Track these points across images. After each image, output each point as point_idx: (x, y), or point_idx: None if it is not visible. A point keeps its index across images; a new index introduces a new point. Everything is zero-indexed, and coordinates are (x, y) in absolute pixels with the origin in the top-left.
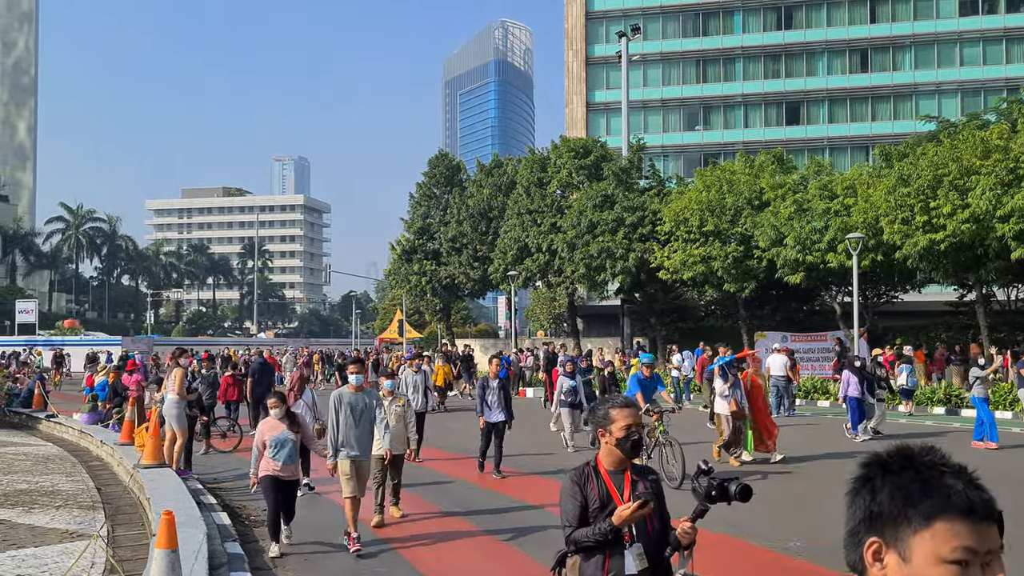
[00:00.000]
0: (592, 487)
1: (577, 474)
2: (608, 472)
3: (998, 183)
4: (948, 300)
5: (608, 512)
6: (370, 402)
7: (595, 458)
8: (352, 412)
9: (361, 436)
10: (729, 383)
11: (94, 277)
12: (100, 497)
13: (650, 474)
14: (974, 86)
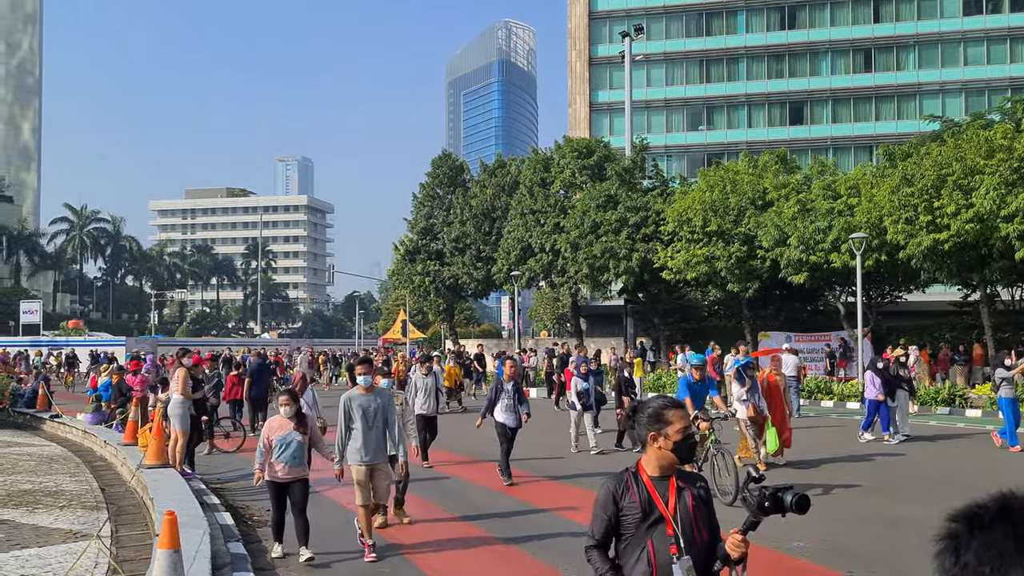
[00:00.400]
0: (632, 495)
1: (616, 483)
2: (651, 478)
3: (1002, 183)
4: (952, 300)
5: (651, 522)
6: (383, 403)
7: (636, 464)
8: (364, 415)
9: (376, 439)
10: (746, 387)
11: (98, 278)
12: (104, 497)
13: (697, 481)
14: (978, 86)
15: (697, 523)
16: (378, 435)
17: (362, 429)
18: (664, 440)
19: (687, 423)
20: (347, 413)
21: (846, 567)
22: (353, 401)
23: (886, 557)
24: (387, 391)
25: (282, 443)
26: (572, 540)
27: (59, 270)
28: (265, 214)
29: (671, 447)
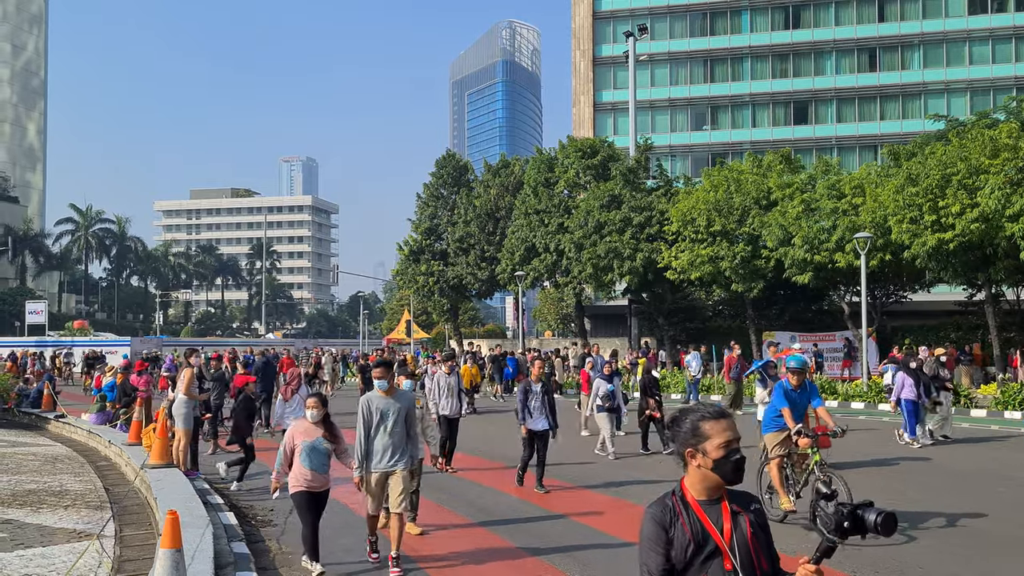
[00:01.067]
0: (683, 524)
1: (660, 511)
2: (699, 503)
3: (1007, 182)
4: (957, 300)
5: (706, 556)
6: (404, 406)
7: (679, 486)
8: (383, 418)
9: (397, 445)
10: (769, 389)
11: (103, 278)
12: (108, 497)
13: (752, 503)
14: (983, 85)
15: (757, 553)
16: (397, 440)
17: (380, 434)
18: (703, 457)
19: (729, 436)
20: (366, 417)
21: (849, 567)
22: (372, 404)
23: (891, 557)
24: (409, 393)
25: (309, 448)
26: (598, 551)
27: (64, 270)
28: (270, 214)
29: (711, 465)
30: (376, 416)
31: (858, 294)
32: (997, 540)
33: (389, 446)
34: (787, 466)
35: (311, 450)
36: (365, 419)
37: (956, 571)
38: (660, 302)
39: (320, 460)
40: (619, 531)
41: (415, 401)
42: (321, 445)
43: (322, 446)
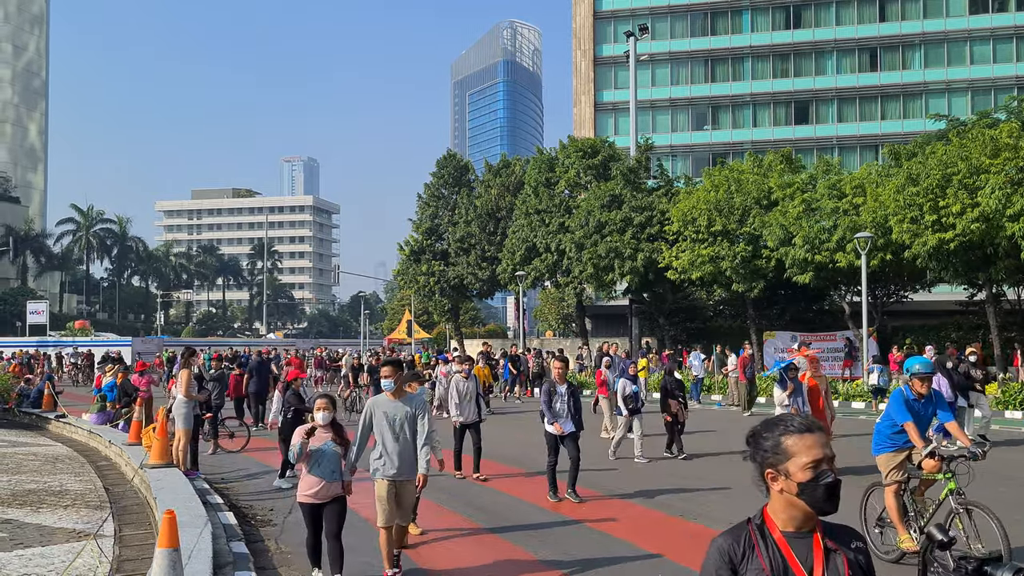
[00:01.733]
0: (759, 557)
1: (730, 542)
2: (784, 535)
3: (1007, 182)
4: (958, 300)
5: None
6: (414, 411)
7: (761, 513)
8: (390, 424)
9: (402, 452)
10: (788, 391)
11: (104, 278)
12: (108, 497)
13: (854, 539)
14: (984, 85)
15: None
16: (406, 447)
17: (388, 440)
18: (786, 480)
19: (819, 454)
20: (367, 421)
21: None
22: (377, 407)
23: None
24: (420, 397)
25: (317, 455)
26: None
27: (65, 271)
28: (271, 214)
29: (796, 490)
30: (383, 421)
31: (859, 294)
32: None
33: (398, 453)
34: (904, 493)
35: (319, 456)
36: (366, 423)
37: None
38: (661, 302)
39: (329, 466)
40: (641, 540)
41: (426, 405)
42: (331, 450)
43: (331, 450)
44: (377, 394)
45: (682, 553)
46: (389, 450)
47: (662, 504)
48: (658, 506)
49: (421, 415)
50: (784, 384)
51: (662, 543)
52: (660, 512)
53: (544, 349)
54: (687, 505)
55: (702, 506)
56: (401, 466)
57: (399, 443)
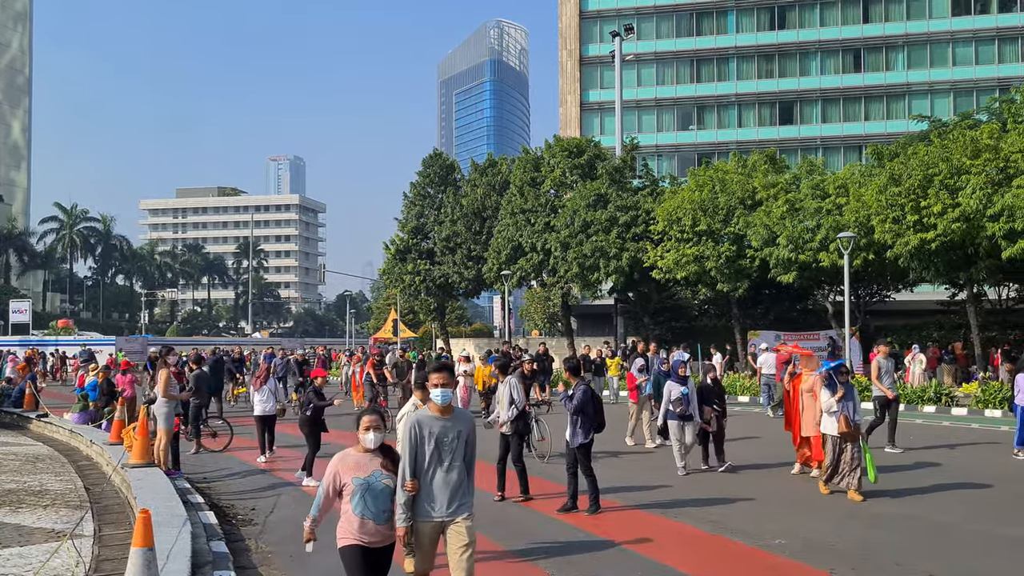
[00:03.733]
0: None
1: None
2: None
3: (988, 182)
4: (940, 299)
5: None
6: (467, 431)
7: None
8: (439, 448)
9: (458, 485)
10: (838, 395)
11: (88, 277)
12: (88, 497)
13: None
14: (966, 86)
15: None
16: (458, 477)
17: (436, 468)
18: None
19: None
20: (415, 444)
21: (828, 564)
22: (424, 427)
23: (869, 555)
24: (468, 413)
25: (363, 489)
26: None
27: (49, 269)
28: (256, 213)
29: None
30: (430, 444)
31: (842, 293)
32: (967, 536)
33: (448, 486)
34: None
35: (367, 490)
36: (412, 447)
37: (930, 568)
38: (646, 301)
39: (381, 504)
40: (678, 562)
41: (473, 422)
42: (380, 482)
43: (381, 484)
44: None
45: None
46: (437, 481)
47: (701, 520)
48: (698, 523)
49: (472, 437)
50: (833, 387)
51: (701, 565)
52: (701, 530)
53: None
54: (726, 521)
55: (743, 522)
56: (451, 502)
57: (450, 472)
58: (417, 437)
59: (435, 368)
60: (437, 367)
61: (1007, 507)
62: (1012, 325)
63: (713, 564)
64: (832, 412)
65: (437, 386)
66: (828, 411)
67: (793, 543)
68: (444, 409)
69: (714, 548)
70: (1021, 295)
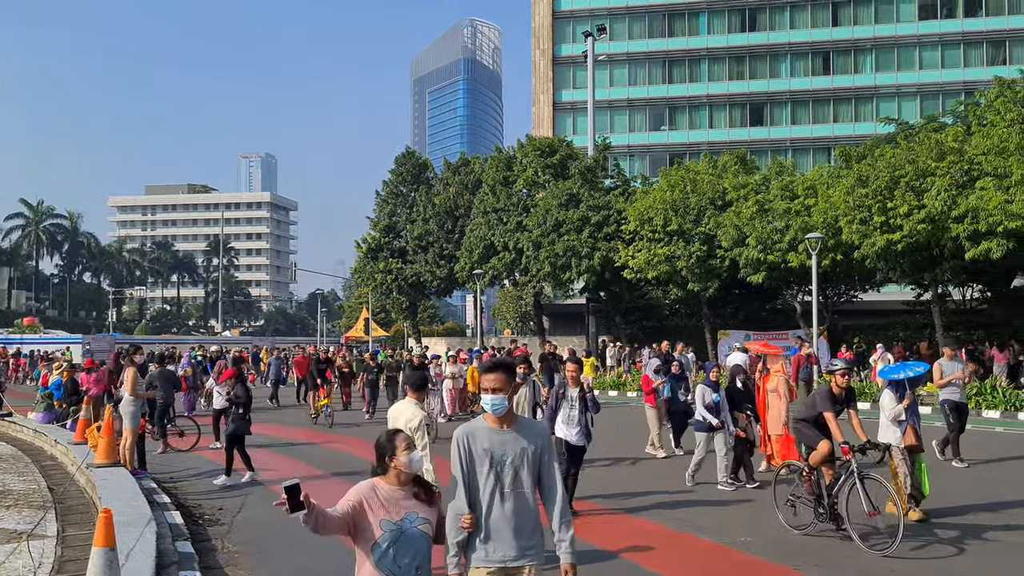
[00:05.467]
0: None
1: None
2: None
3: (953, 184)
4: (905, 299)
5: None
6: (538, 447)
7: None
8: (498, 469)
9: (518, 517)
10: (906, 402)
11: (55, 274)
12: (52, 497)
13: None
14: (933, 89)
15: None
16: (522, 508)
17: (492, 496)
18: None
19: None
20: (467, 467)
21: (792, 562)
22: (476, 441)
23: (835, 553)
24: (542, 426)
25: (395, 537)
26: None
27: (14, 267)
28: (227, 211)
29: None
30: (485, 465)
31: (810, 293)
32: (938, 529)
33: (511, 520)
34: None
35: (398, 539)
36: (463, 468)
37: (891, 565)
38: (617, 301)
39: (415, 557)
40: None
41: (548, 436)
42: (416, 528)
43: (418, 529)
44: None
45: None
46: (495, 514)
47: (667, 518)
48: (665, 520)
49: (548, 455)
50: (902, 393)
51: (665, 561)
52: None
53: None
54: (693, 519)
55: (709, 520)
56: (516, 541)
57: (512, 501)
58: (467, 455)
59: (488, 367)
60: (490, 365)
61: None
62: (976, 325)
63: (678, 560)
64: (900, 422)
65: (489, 391)
66: (895, 420)
67: (759, 540)
68: (502, 420)
69: (679, 545)
70: (984, 296)
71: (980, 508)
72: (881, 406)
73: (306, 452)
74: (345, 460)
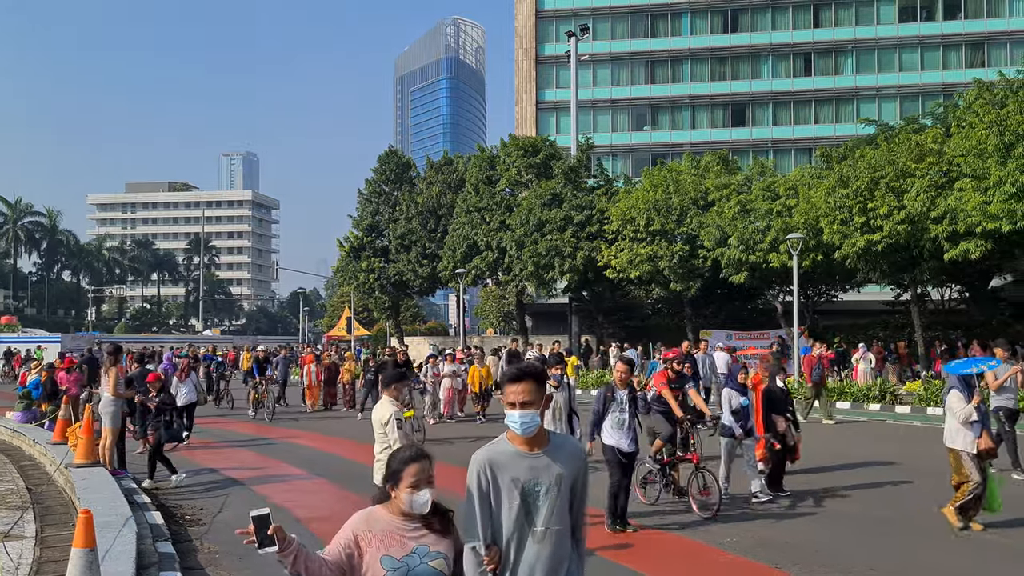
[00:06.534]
0: None
1: None
2: None
3: (932, 185)
4: (885, 299)
5: None
6: (572, 474)
7: None
8: (529, 503)
9: (555, 559)
10: (976, 401)
11: (33, 273)
12: (31, 497)
13: None
14: (912, 91)
15: None
16: (558, 548)
17: (519, 534)
18: None
19: None
20: (490, 498)
21: (775, 561)
22: (500, 470)
23: (818, 550)
24: (575, 445)
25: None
26: None
27: None
28: (208, 209)
29: None
30: (512, 498)
31: (791, 293)
32: (911, 530)
33: (546, 565)
34: None
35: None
36: (485, 502)
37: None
38: (600, 300)
39: None
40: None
41: (586, 460)
42: (427, 566)
43: (428, 567)
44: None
45: None
46: (526, 556)
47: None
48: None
49: (583, 484)
50: (970, 392)
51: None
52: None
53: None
54: (682, 521)
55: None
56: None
57: (546, 543)
58: (490, 486)
59: (514, 376)
60: (518, 374)
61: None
62: (954, 325)
63: (660, 560)
64: (972, 423)
65: (516, 405)
66: (966, 422)
67: (743, 540)
68: (532, 441)
69: (660, 544)
70: (963, 296)
71: None
72: (948, 408)
73: (295, 452)
74: (331, 461)
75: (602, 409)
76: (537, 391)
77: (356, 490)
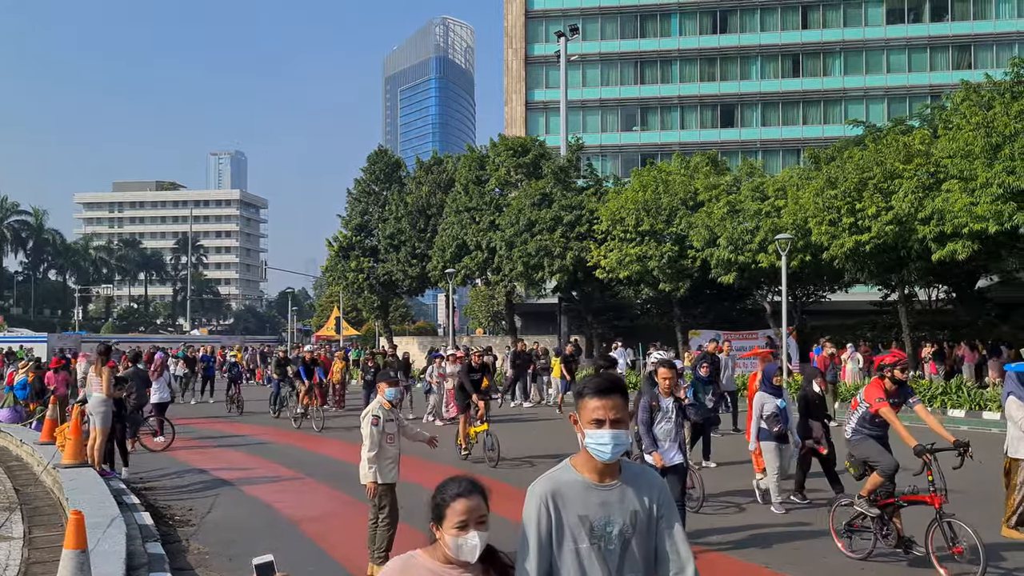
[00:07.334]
0: None
1: None
2: None
3: (919, 186)
4: (873, 300)
5: None
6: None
7: None
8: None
9: None
10: None
11: (19, 272)
12: (18, 498)
13: None
14: (900, 92)
15: None
16: None
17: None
18: None
19: None
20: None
21: (767, 561)
22: (567, 505)
23: (809, 552)
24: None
25: None
26: None
27: None
28: (196, 208)
29: None
30: (580, 538)
31: (779, 294)
32: None
33: None
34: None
35: None
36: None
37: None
38: (589, 300)
39: None
40: None
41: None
42: None
43: None
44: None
45: None
46: None
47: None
48: None
49: (668, 516)
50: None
51: None
52: None
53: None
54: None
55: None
56: None
57: None
58: (554, 525)
59: (601, 388)
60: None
61: None
62: (941, 326)
63: None
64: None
65: (605, 423)
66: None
67: (732, 539)
68: (605, 470)
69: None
70: (950, 296)
71: None
72: (1008, 415)
73: (287, 453)
74: (322, 462)
75: (649, 420)
76: (625, 406)
77: (347, 490)
